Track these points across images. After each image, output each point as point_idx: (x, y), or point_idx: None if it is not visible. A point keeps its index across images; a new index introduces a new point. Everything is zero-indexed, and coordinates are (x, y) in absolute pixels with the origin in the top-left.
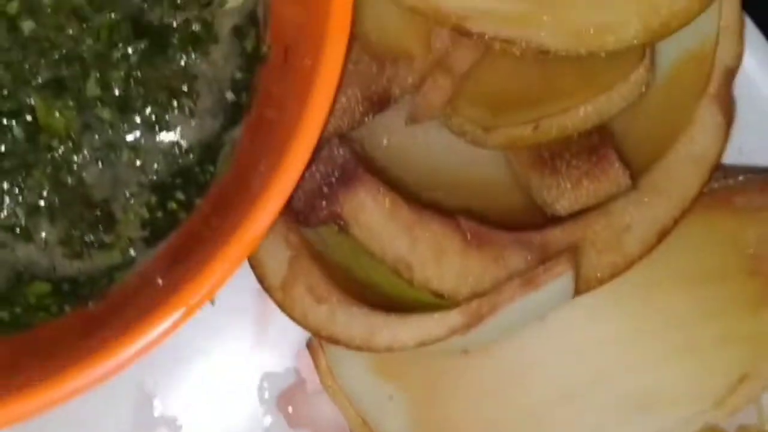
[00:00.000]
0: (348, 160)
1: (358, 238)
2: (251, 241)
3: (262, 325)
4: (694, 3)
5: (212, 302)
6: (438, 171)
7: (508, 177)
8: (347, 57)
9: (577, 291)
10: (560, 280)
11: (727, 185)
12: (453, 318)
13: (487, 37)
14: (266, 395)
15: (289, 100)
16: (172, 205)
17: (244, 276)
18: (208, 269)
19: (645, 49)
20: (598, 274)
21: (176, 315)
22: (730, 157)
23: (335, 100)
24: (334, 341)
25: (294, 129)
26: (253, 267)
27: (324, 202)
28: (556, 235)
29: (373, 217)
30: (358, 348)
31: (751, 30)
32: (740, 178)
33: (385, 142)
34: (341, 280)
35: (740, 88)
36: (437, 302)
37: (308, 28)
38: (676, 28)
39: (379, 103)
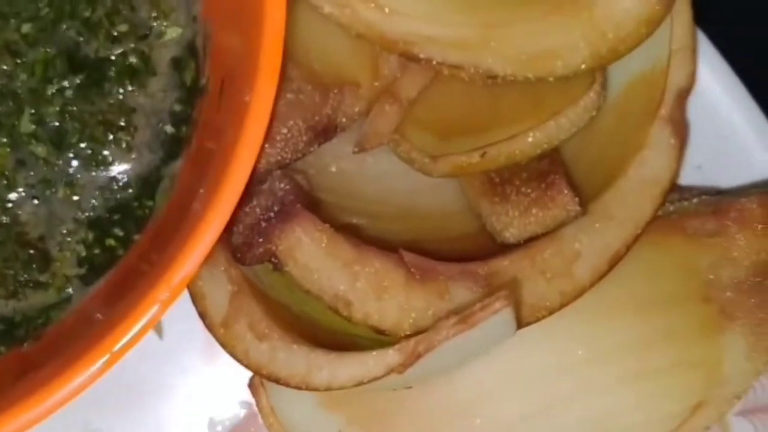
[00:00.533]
0: (287, 193)
1: (295, 277)
2: (187, 273)
3: (212, 358)
4: (642, 27)
5: (161, 336)
6: (388, 198)
7: (462, 203)
8: (281, 80)
9: (526, 321)
10: (499, 317)
11: (681, 208)
12: (390, 357)
13: (435, 62)
14: (218, 428)
15: (226, 129)
16: (110, 242)
17: (193, 309)
18: (144, 304)
19: (595, 74)
20: (547, 303)
21: (105, 358)
22: (688, 175)
23: (271, 126)
24: (275, 380)
25: (230, 156)
26: (194, 302)
27: (261, 239)
28: (504, 265)
29: (310, 254)
30: (298, 387)
31: (705, 45)
32: (694, 200)
33: (333, 169)
34: (282, 317)
35: (697, 103)
36: (378, 338)
37: (244, 57)
38: (624, 52)
39: (324, 132)
